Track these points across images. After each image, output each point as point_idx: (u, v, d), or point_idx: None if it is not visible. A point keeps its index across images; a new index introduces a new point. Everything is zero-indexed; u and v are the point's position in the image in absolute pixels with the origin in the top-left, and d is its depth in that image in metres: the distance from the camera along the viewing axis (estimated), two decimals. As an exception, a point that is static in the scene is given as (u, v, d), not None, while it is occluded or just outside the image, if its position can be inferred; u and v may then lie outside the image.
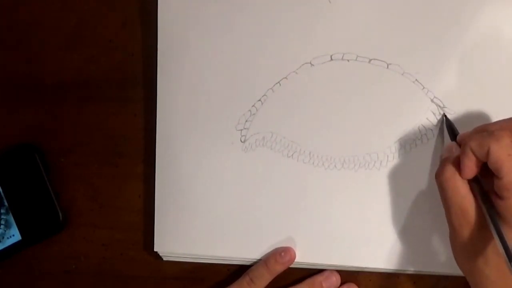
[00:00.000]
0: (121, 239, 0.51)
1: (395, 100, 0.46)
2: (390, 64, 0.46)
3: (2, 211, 0.50)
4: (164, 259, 0.50)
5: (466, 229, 0.39)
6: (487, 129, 0.39)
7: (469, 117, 0.46)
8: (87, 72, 0.51)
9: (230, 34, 0.48)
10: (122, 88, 0.50)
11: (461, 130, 0.45)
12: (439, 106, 0.46)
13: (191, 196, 0.49)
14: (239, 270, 0.49)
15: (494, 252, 0.38)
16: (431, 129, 0.46)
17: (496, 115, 0.45)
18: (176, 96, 0.48)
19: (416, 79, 0.46)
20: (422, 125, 0.46)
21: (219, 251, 0.48)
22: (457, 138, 0.43)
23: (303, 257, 0.48)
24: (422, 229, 0.46)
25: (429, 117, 0.46)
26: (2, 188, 0.50)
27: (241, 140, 0.48)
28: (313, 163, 0.47)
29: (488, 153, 0.37)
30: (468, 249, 0.39)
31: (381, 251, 0.47)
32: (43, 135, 0.51)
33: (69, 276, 0.51)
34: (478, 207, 0.39)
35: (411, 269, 0.47)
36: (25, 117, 0.51)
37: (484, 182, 0.39)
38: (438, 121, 0.46)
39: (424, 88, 0.46)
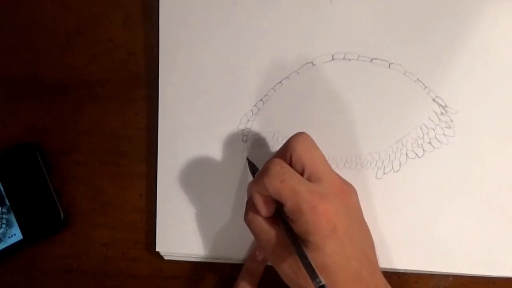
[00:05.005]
0: (123, 238, 0.51)
1: (397, 100, 0.46)
2: (392, 63, 0.46)
3: (4, 210, 0.50)
4: (166, 258, 0.50)
5: (281, 258, 0.40)
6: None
7: (470, 116, 0.46)
8: (88, 71, 0.50)
9: (232, 33, 0.48)
10: (123, 87, 0.50)
11: (462, 130, 0.46)
12: (441, 105, 0.46)
13: (192, 195, 0.48)
14: (240, 270, 0.49)
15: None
16: (433, 129, 0.46)
17: (497, 114, 0.45)
18: (178, 95, 0.48)
19: (417, 79, 0.46)
20: (424, 124, 0.46)
21: (220, 251, 0.49)
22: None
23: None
24: (423, 229, 0.46)
25: (430, 117, 0.46)
26: (3, 187, 0.50)
27: (243, 140, 0.48)
28: (314, 162, 0.47)
29: (266, 188, 0.39)
30: (293, 275, 0.40)
31: (382, 251, 0.47)
32: (44, 134, 0.51)
33: (70, 275, 0.51)
34: (284, 236, 0.40)
35: (412, 269, 0.47)
36: (26, 117, 0.51)
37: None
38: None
39: (425, 87, 0.46)
